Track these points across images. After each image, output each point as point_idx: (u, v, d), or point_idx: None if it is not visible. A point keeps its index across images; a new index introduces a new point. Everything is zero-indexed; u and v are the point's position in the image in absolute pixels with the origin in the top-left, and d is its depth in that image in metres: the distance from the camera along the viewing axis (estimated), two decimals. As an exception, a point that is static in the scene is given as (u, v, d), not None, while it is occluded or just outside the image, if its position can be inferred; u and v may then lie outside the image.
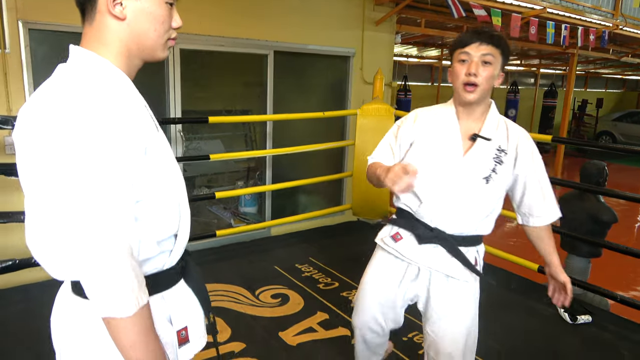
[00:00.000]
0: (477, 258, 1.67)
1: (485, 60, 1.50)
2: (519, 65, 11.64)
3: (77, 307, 0.92)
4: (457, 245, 1.62)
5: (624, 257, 3.11)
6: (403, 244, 1.68)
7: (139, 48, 0.94)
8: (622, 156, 12.61)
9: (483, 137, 1.58)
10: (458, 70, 1.53)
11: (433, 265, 1.64)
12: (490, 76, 1.51)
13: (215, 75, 4.72)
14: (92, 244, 0.79)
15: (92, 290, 0.81)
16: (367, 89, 4.63)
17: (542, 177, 1.64)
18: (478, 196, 1.59)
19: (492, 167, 1.57)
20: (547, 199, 1.65)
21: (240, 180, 5.14)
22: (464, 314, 1.68)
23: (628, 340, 2.75)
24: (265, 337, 2.58)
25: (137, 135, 0.87)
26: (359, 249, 3.84)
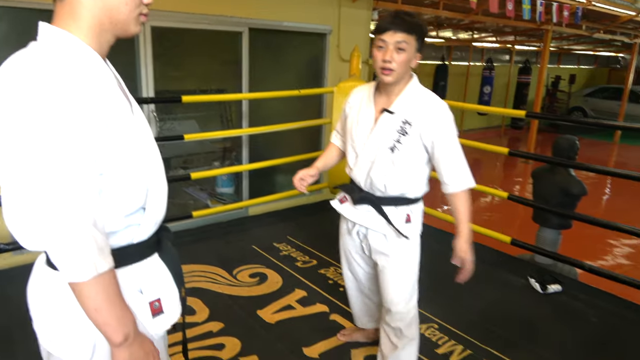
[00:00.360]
0: (410, 216, 1.84)
1: (400, 47, 1.64)
2: (495, 42, 11.70)
3: (48, 276, 0.97)
4: (384, 205, 1.82)
5: (593, 228, 3.21)
6: (345, 206, 1.94)
7: (111, 22, 0.94)
8: (593, 131, 12.92)
9: (388, 110, 1.75)
10: (376, 56, 1.69)
11: (364, 223, 1.88)
12: (404, 61, 1.66)
13: (188, 54, 4.61)
14: (51, 212, 0.82)
15: (55, 256, 0.85)
16: (344, 67, 4.60)
17: (451, 147, 1.72)
18: (387, 164, 1.76)
19: (395, 138, 1.74)
20: (456, 167, 1.73)
21: (216, 160, 5.08)
22: (399, 266, 1.88)
23: (596, 308, 2.86)
24: (244, 316, 2.59)
25: (102, 111, 0.89)
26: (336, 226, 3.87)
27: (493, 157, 9.56)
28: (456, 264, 1.79)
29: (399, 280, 1.89)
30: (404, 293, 1.90)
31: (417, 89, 1.77)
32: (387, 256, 1.89)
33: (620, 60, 16.77)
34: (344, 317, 2.61)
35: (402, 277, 1.90)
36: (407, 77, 1.76)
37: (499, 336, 2.51)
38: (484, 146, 3.69)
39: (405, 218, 1.83)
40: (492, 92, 11.29)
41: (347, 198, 1.93)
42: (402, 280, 1.90)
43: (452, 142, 1.72)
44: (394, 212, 1.83)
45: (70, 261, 0.84)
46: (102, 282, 0.87)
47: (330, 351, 2.32)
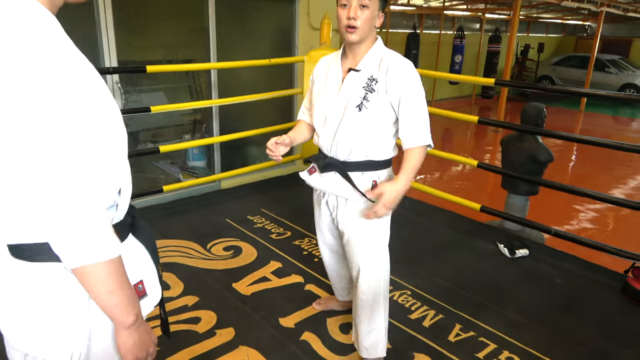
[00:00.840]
0: (376, 182, 1.83)
1: (363, 4, 1.64)
2: (466, 10, 11.68)
3: (20, 270, 0.89)
4: (349, 170, 1.81)
5: (559, 193, 3.31)
6: (314, 176, 1.93)
7: None
8: (560, 99, 13.21)
9: (354, 69, 1.74)
10: (340, 15, 1.68)
11: (331, 190, 1.87)
12: (368, 18, 1.66)
13: (153, 22, 4.42)
14: (64, 194, 0.77)
15: (69, 240, 0.79)
16: (315, 35, 4.50)
17: (416, 103, 1.70)
18: (354, 124, 1.75)
19: (362, 95, 1.73)
20: (417, 123, 1.71)
21: (186, 133, 4.96)
22: (367, 233, 1.89)
23: (561, 270, 2.97)
24: (219, 289, 2.58)
25: (83, 81, 0.84)
26: (310, 197, 3.87)
27: (464, 126, 9.68)
28: (370, 198, 1.74)
29: (367, 248, 1.90)
30: (371, 262, 1.91)
31: (383, 48, 1.77)
32: (353, 224, 1.88)
33: (587, 29, 17.03)
34: (319, 286, 2.64)
35: (369, 245, 1.90)
36: (372, 38, 1.76)
37: (470, 300, 2.59)
38: (455, 115, 3.71)
39: (372, 184, 1.82)
40: (463, 61, 11.33)
41: (315, 168, 1.92)
42: (370, 248, 1.90)
43: (417, 99, 1.71)
44: (360, 178, 1.82)
45: (92, 239, 0.80)
46: (115, 261, 0.85)
47: (306, 320, 2.35)
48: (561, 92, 3.03)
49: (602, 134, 9.58)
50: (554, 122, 9.79)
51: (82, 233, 0.80)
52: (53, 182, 0.77)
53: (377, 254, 1.92)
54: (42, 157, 0.76)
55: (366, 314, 1.97)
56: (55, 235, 0.80)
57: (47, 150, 0.76)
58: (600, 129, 10.32)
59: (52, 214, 0.78)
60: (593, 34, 13.69)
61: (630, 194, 5.98)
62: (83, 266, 0.82)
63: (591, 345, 2.26)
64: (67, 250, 0.80)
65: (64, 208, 0.78)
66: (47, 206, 0.78)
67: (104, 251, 0.82)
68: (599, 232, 4.80)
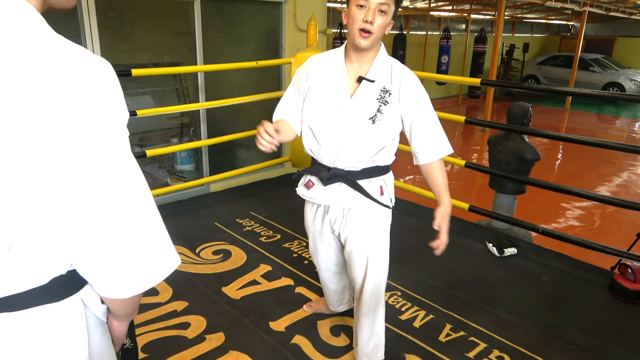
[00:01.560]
0: (382, 187, 1.79)
1: (382, 10, 1.54)
2: (451, 11, 11.76)
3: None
4: (357, 178, 1.74)
5: (546, 192, 3.34)
6: (314, 190, 1.82)
7: None
8: (545, 98, 13.36)
9: (367, 79, 1.65)
10: (355, 15, 1.56)
11: (337, 201, 1.79)
12: (384, 25, 1.58)
13: (138, 26, 4.39)
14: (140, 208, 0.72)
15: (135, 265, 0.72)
16: (301, 37, 4.50)
17: (427, 115, 1.68)
18: (366, 136, 1.68)
19: (377, 108, 1.66)
20: (434, 135, 1.69)
21: (174, 137, 4.93)
22: (371, 240, 1.84)
23: (548, 267, 3.00)
24: (208, 293, 2.56)
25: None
26: (299, 200, 3.86)
27: (451, 126, 9.74)
28: (436, 229, 1.73)
29: (371, 256, 1.86)
30: (375, 269, 1.88)
31: (389, 57, 1.72)
32: (357, 233, 1.83)
33: (571, 28, 17.26)
34: (309, 289, 2.63)
35: (373, 253, 1.86)
36: (379, 44, 1.69)
37: (460, 300, 2.60)
38: (442, 115, 3.71)
39: (379, 190, 1.78)
40: (449, 61, 11.41)
41: (314, 181, 1.82)
42: (374, 256, 1.86)
43: (430, 111, 1.69)
44: (368, 185, 1.76)
45: (161, 257, 0.76)
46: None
47: (297, 324, 2.34)
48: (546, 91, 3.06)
49: (587, 132, 9.70)
50: (540, 121, 9.90)
51: (155, 247, 0.74)
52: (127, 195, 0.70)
53: (380, 260, 1.89)
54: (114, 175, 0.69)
55: (369, 320, 1.94)
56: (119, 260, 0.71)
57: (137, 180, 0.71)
58: (586, 127, 10.45)
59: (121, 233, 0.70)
60: (577, 33, 13.88)
61: (615, 192, 6.06)
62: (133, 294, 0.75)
63: (578, 342, 2.29)
64: (135, 274, 0.72)
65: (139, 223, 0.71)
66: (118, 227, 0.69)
67: (172, 262, 0.77)
68: (586, 229, 4.86)
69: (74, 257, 0.72)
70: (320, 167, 1.78)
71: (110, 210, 0.69)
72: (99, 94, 0.68)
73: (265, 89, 4.37)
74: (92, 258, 0.71)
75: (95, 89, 0.68)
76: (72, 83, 0.65)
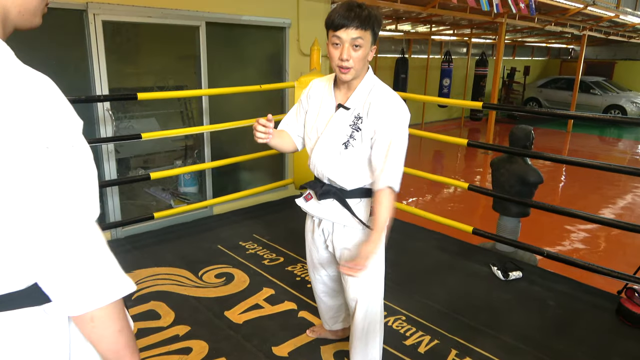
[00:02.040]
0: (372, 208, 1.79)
1: (356, 44, 1.59)
2: (452, 35, 11.93)
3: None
4: (347, 197, 1.79)
5: (550, 215, 3.33)
6: (310, 202, 1.90)
7: (20, 13, 0.81)
8: (547, 120, 13.42)
9: (344, 106, 1.72)
10: (332, 53, 1.63)
11: (329, 217, 1.85)
12: (362, 57, 1.62)
13: (144, 50, 4.46)
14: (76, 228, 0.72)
15: (84, 280, 0.73)
16: (305, 61, 4.57)
17: (391, 139, 1.64)
18: (342, 160, 1.74)
19: (349, 134, 1.71)
20: (388, 163, 1.64)
21: (178, 159, 4.96)
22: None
23: (554, 292, 2.96)
24: (210, 317, 2.54)
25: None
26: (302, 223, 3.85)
27: (454, 149, 9.77)
28: (367, 224, 1.77)
29: (365, 281, 1.86)
30: (368, 291, 1.88)
31: (372, 82, 1.73)
32: (349, 251, 1.86)
33: (571, 52, 17.45)
34: (312, 313, 2.60)
35: (368, 278, 1.86)
36: (364, 70, 1.72)
37: (465, 324, 2.56)
38: (444, 138, 3.75)
39: (370, 211, 1.81)
40: (451, 84, 11.52)
41: (312, 194, 1.90)
42: (366, 277, 1.86)
43: (394, 136, 1.64)
44: (358, 205, 1.80)
45: (107, 278, 0.76)
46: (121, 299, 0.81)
47: (300, 349, 2.31)
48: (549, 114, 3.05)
49: (589, 154, 9.71)
50: (542, 143, 9.92)
51: (97, 269, 0.74)
52: (65, 216, 0.71)
53: (373, 282, 1.89)
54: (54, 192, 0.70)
55: (362, 343, 1.94)
56: (63, 279, 0.72)
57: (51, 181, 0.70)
58: (588, 150, 10.46)
59: (62, 254, 0.71)
60: (577, 56, 14.01)
61: (619, 214, 6.03)
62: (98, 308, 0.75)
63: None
64: (78, 294, 0.73)
65: (75, 244, 0.72)
66: (53, 245, 0.71)
67: (121, 286, 0.77)
68: (591, 252, 4.82)
69: (32, 268, 0.74)
70: (317, 182, 1.86)
71: (52, 230, 0.71)
72: (31, 111, 0.68)
73: (268, 112, 4.37)
74: (42, 272, 0.73)
75: (26, 105, 0.68)
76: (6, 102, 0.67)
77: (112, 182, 3.51)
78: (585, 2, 8.18)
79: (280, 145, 1.90)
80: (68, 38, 3.26)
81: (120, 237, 3.58)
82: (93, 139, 3.32)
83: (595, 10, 8.64)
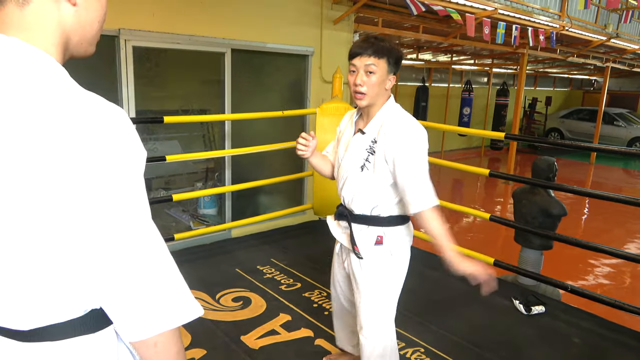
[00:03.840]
0: (382, 238, 1.83)
1: (369, 70, 1.70)
2: (473, 65, 11.98)
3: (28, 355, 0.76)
4: (356, 222, 1.84)
5: (574, 248, 3.25)
6: (332, 222, 1.98)
7: (79, 41, 0.81)
8: (570, 152, 13.24)
9: (361, 131, 1.81)
10: (350, 80, 1.76)
11: (337, 237, 1.94)
12: (375, 83, 1.71)
13: (171, 74, 4.60)
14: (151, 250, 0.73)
15: (148, 308, 0.73)
16: (326, 88, 4.63)
17: (412, 165, 1.70)
18: (358, 182, 1.81)
19: (365, 157, 1.79)
20: (417, 187, 1.69)
21: (199, 181, 5.03)
22: (370, 287, 1.86)
23: (579, 328, 2.87)
24: (227, 342, 2.52)
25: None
26: (320, 248, 3.83)
27: (474, 178, 9.68)
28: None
29: (369, 302, 1.87)
30: (373, 317, 1.88)
31: (392, 109, 1.79)
32: (359, 275, 1.88)
33: (594, 83, 17.32)
34: (329, 341, 2.57)
35: (372, 299, 1.87)
36: (384, 99, 1.79)
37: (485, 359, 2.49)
38: (465, 167, 3.73)
39: (376, 239, 1.82)
40: (471, 113, 11.49)
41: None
42: (372, 302, 1.87)
43: (413, 161, 1.69)
44: (364, 231, 1.83)
45: (176, 302, 0.76)
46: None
47: (316, 378, 2.27)
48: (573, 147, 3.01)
49: (613, 187, 9.51)
50: (564, 175, 9.77)
51: (168, 292, 0.74)
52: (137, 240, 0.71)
53: (379, 309, 1.87)
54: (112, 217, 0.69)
55: None
56: (132, 301, 0.72)
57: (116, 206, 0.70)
58: (612, 182, 10.26)
59: (130, 276, 0.71)
60: (600, 88, 13.89)
61: (646, 249, 5.85)
62: (162, 333, 0.74)
63: (615, 411, 2.15)
64: (148, 317, 0.73)
65: (146, 267, 0.72)
66: (122, 268, 0.70)
67: (189, 310, 0.77)
68: (616, 288, 4.67)
69: (97, 294, 0.74)
70: (341, 204, 1.94)
71: (124, 253, 0.70)
72: (112, 140, 0.69)
73: (289, 138, 4.45)
74: (109, 296, 0.72)
75: (109, 135, 0.69)
76: (85, 131, 0.67)
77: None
78: (608, 35, 8.16)
79: (319, 166, 2.02)
80: (99, 62, 3.38)
81: (140, 257, 3.61)
82: (118, 159, 3.39)
83: (619, 42, 8.60)
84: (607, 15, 8.25)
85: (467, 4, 5.36)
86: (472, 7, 5.46)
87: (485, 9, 5.58)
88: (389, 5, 5.23)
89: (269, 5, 4.12)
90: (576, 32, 7.42)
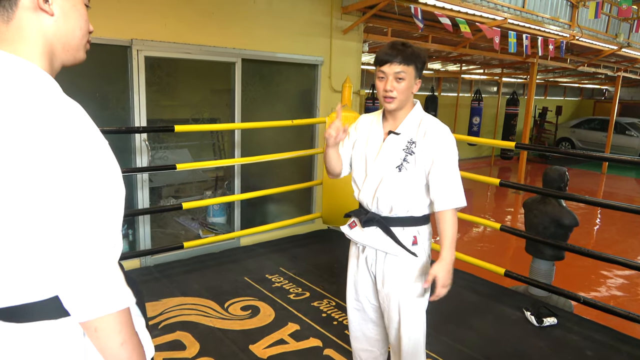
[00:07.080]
0: (417, 237, 1.85)
1: (399, 77, 1.74)
2: (482, 74, 11.96)
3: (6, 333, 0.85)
4: (391, 225, 1.83)
5: (586, 259, 3.21)
6: (355, 230, 1.94)
7: (64, 48, 0.88)
8: (581, 161, 13.11)
9: (394, 132, 1.82)
10: (378, 86, 1.79)
11: (372, 244, 1.87)
12: (404, 89, 1.75)
13: (181, 83, 4.65)
14: (87, 245, 0.79)
15: (87, 291, 0.79)
16: (336, 97, 4.65)
17: (446, 165, 1.75)
18: (395, 183, 1.80)
19: (402, 157, 1.80)
20: (448, 185, 1.74)
21: (208, 189, 5.05)
22: (405, 287, 1.85)
23: (591, 341, 2.82)
24: (235, 351, 2.52)
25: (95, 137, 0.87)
26: (329, 257, 3.82)
27: (484, 188, 9.62)
28: (425, 286, 1.79)
29: (408, 309, 1.84)
30: (412, 317, 1.85)
31: (421, 113, 1.85)
32: (393, 279, 1.85)
33: (605, 92, 17.19)
34: (338, 352, 2.55)
35: (410, 306, 1.85)
36: (410, 103, 1.84)
37: (496, 371, 2.46)
38: (475, 177, 3.71)
39: (412, 240, 1.84)
40: (481, 122, 11.45)
41: (357, 222, 1.94)
42: (411, 309, 1.85)
43: (450, 161, 1.76)
44: (401, 233, 1.83)
45: (107, 291, 0.81)
46: (126, 311, 0.85)
47: (324, 388, 2.25)
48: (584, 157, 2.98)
49: (625, 197, 9.39)
50: (576, 185, 9.68)
51: (100, 283, 0.80)
52: (77, 233, 0.77)
53: (416, 309, 1.87)
54: (67, 211, 0.76)
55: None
56: (72, 288, 0.79)
57: (73, 203, 0.76)
58: (624, 192, 10.13)
59: (73, 266, 0.78)
60: (611, 97, 13.79)
61: (660, 261, 5.76)
62: (99, 318, 0.81)
63: None
64: (83, 302, 0.80)
65: (86, 259, 0.78)
66: (68, 258, 0.77)
67: (120, 300, 0.82)
68: (630, 300, 4.59)
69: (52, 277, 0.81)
70: (361, 210, 1.93)
71: (66, 239, 0.77)
72: (60, 137, 0.76)
73: (298, 147, 4.47)
74: (57, 279, 0.80)
75: (58, 133, 0.76)
76: (40, 128, 0.75)
77: (145, 211, 3.59)
78: (619, 44, 8.11)
79: (334, 159, 1.94)
80: (112, 72, 3.43)
81: (150, 265, 3.63)
82: (130, 168, 3.43)
83: (630, 52, 8.54)
84: (618, 24, 8.20)
85: (476, 14, 5.37)
86: (482, 17, 5.47)
87: (495, 18, 5.58)
88: (398, 15, 5.26)
89: (279, 16, 4.16)
90: (587, 41, 7.39)
